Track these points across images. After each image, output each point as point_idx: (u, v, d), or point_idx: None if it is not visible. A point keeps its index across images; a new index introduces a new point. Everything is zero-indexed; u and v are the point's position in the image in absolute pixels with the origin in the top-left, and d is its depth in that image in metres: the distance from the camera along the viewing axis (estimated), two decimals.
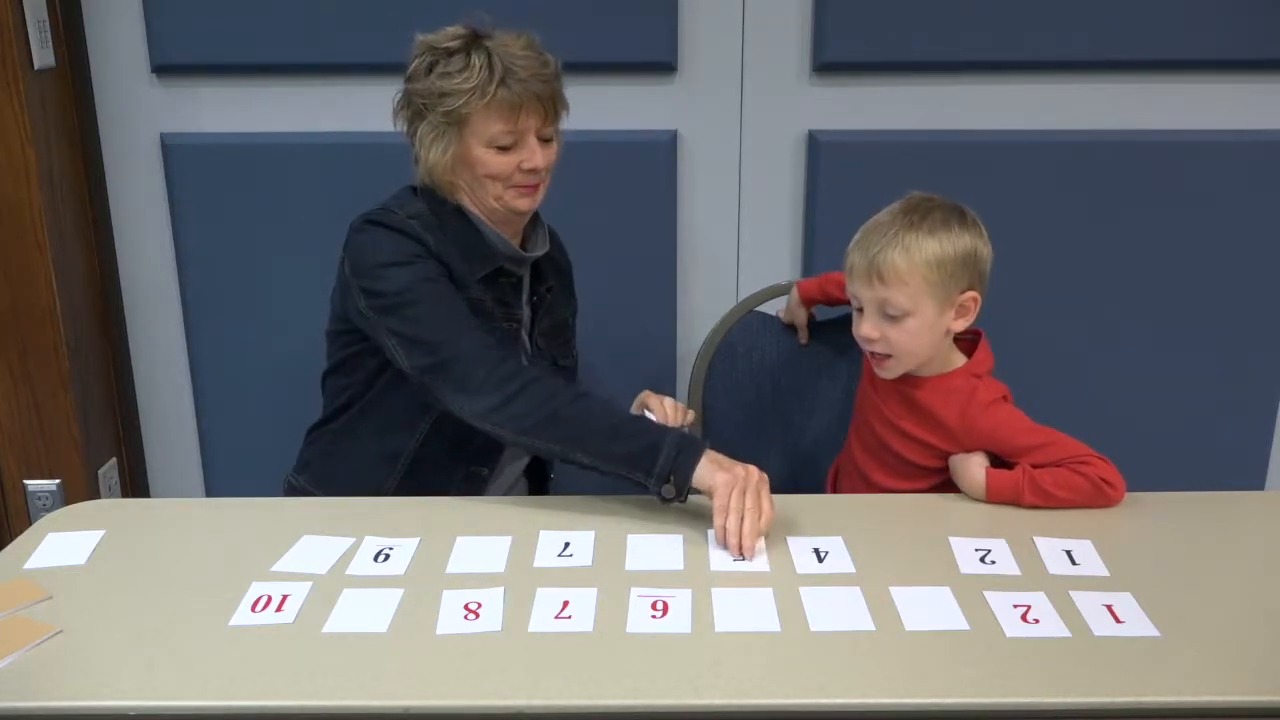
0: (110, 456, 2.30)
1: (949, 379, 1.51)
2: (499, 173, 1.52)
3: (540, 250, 1.65)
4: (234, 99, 2.13)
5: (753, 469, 1.37)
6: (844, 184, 2.13)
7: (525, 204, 1.56)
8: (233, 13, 2.05)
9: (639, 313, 2.25)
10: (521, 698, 1.06)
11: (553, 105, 1.55)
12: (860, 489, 1.61)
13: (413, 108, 1.54)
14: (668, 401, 1.64)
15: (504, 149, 1.52)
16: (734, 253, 2.24)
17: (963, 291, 1.47)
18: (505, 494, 1.69)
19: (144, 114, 2.16)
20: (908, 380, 1.54)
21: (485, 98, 1.48)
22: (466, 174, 1.54)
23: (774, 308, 1.88)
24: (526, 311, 1.65)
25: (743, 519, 1.31)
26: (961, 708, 1.06)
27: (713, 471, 1.36)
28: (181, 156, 2.16)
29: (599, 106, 2.13)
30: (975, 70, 2.11)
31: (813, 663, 1.11)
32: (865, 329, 1.50)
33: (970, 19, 2.05)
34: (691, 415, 1.65)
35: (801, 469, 1.85)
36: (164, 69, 2.12)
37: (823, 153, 2.13)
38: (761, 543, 1.33)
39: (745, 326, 1.86)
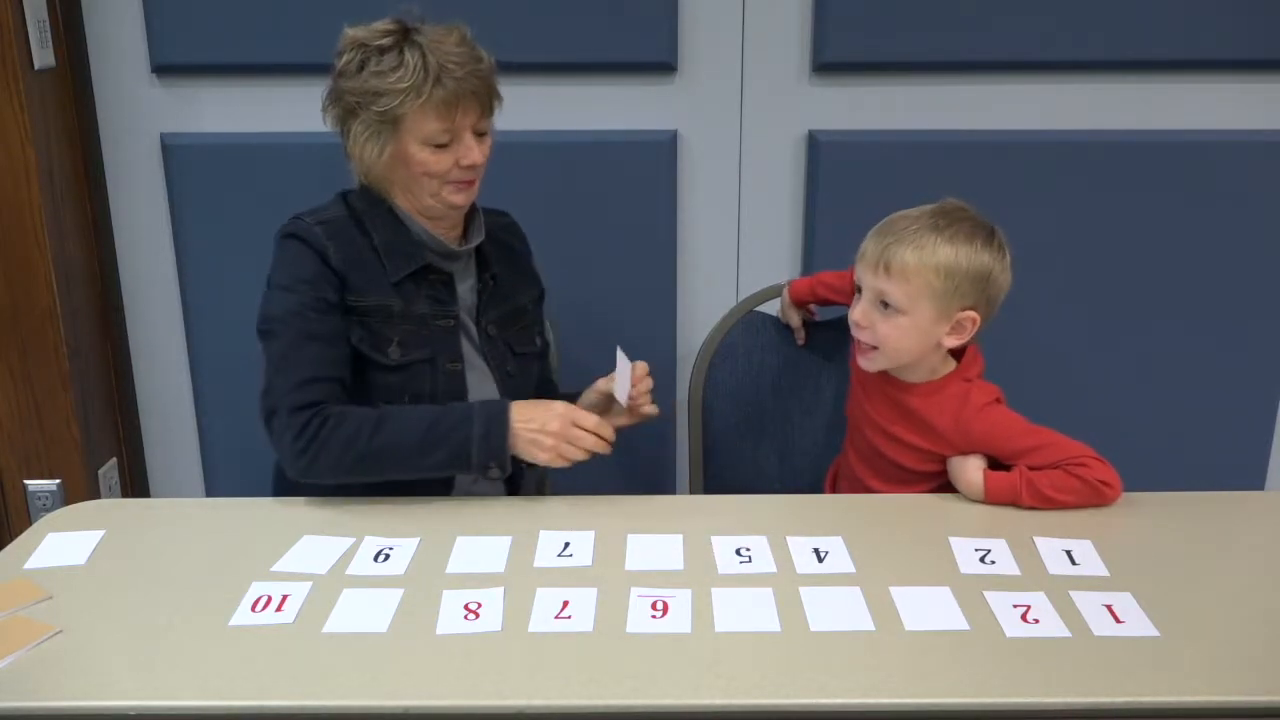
0: (110, 456, 2.30)
1: (940, 384, 1.51)
2: (437, 171, 1.51)
3: (474, 241, 1.62)
4: (234, 99, 2.13)
5: (553, 426, 1.45)
6: (844, 184, 2.13)
7: (462, 199, 1.55)
8: (233, 13, 2.05)
9: (639, 313, 2.25)
10: (521, 698, 1.06)
11: (488, 101, 1.53)
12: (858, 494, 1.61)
13: (344, 105, 1.51)
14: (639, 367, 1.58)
15: (441, 146, 1.50)
16: (734, 253, 2.24)
17: (964, 309, 1.45)
18: (475, 486, 1.64)
19: (144, 114, 2.15)
20: (898, 386, 1.53)
21: (421, 97, 1.46)
22: (403, 172, 1.52)
23: (774, 308, 1.88)
24: (472, 301, 1.63)
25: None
26: (961, 708, 1.06)
27: (531, 451, 1.45)
28: (181, 156, 2.16)
29: (599, 106, 2.13)
30: (975, 70, 2.11)
31: (813, 663, 1.11)
32: (857, 313, 1.50)
33: (970, 19, 2.05)
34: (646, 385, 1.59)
35: (801, 468, 1.85)
36: (164, 69, 2.12)
37: (823, 153, 2.13)
38: (764, 542, 1.34)
39: (745, 326, 1.86)
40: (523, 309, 1.71)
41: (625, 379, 1.54)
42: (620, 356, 1.55)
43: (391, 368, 1.54)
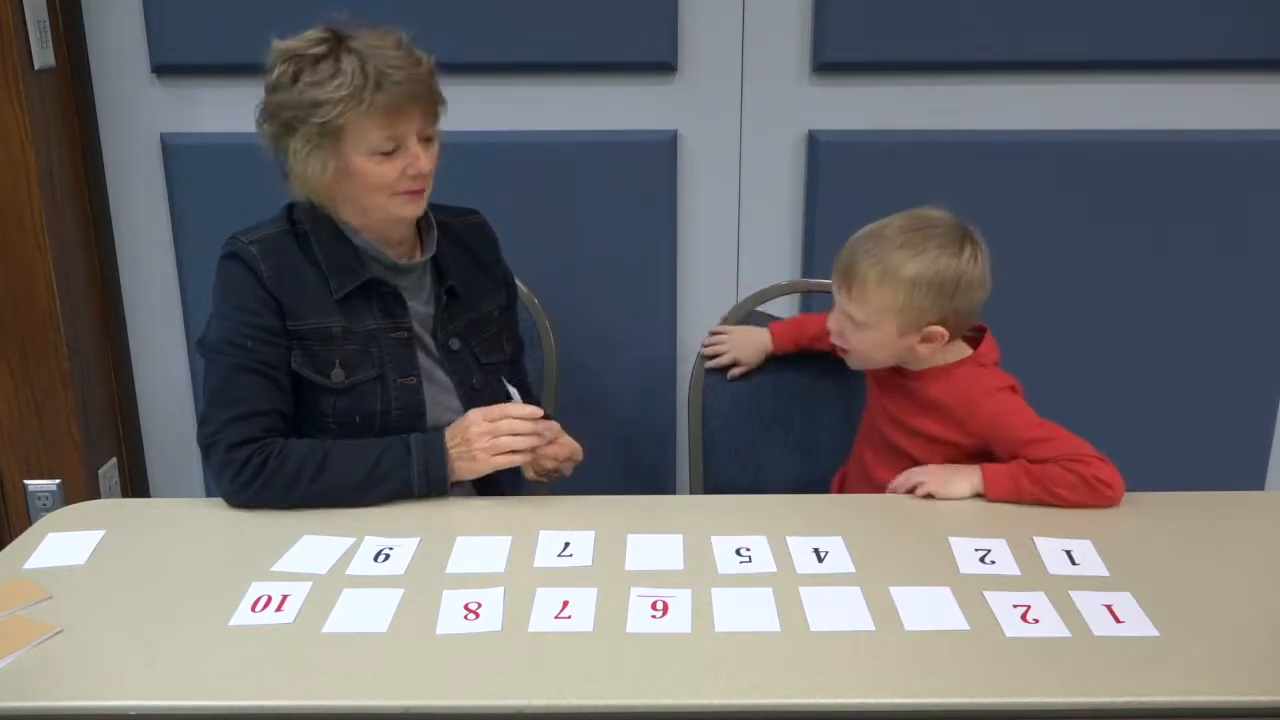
0: (110, 456, 2.30)
1: (953, 369, 1.52)
2: (384, 182, 1.46)
3: (425, 256, 1.57)
4: (234, 99, 2.13)
5: (472, 432, 1.45)
6: (844, 184, 2.13)
7: (412, 210, 1.51)
8: (233, 13, 2.05)
9: (639, 313, 2.25)
10: (521, 698, 1.06)
11: (431, 105, 1.48)
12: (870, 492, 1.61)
13: (280, 121, 1.46)
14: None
15: (386, 155, 1.45)
16: (734, 253, 2.24)
17: (930, 324, 1.47)
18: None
19: (144, 114, 2.16)
20: (908, 374, 1.55)
21: (362, 105, 1.41)
22: (349, 186, 1.48)
23: (774, 308, 1.88)
24: (427, 314, 1.59)
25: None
26: (961, 708, 1.06)
27: (468, 468, 1.46)
28: (181, 156, 2.16)
29: (599, 106, 2.13)
30: (975, 70, 2.11)
31: (813, 663, 1.11)
32: (830, 323, 1.55)
33: (970, 19, 2.05)
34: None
35: (802, 469, 1.85)
36: (164, 69, 2.12)
37: (823, 153, 2.13)
38: (764, 542, 1.33)
39: (745, 325, 1.86)
40: (488, 317, 1.66)
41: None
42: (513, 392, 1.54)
43: (338, 390, 1.52)
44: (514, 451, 1.47)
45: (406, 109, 1.45)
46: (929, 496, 1.46)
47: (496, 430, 1.46)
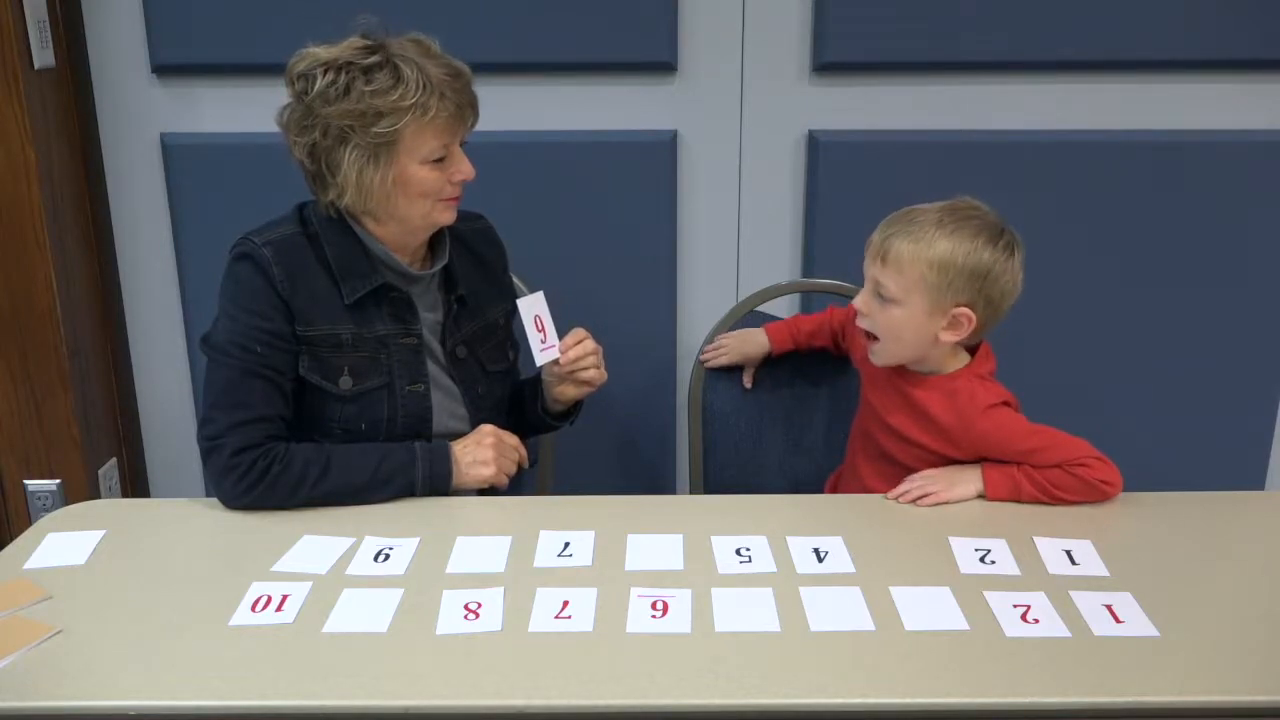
0: (110, 456, 2.30)
1: (949, 380, 1.51)
2: (434, 188, 1.48)
3: (437, 265, 1.57)
4: (234, 99, 2.13)
5: (488, 441, 1.52)
6: (844, 184, 2.13)
7: (450, 216, 1.53)
8: (233, 13, 2.05)
9: (639, 313, 2.25)
10: (521, 698, 1.06)
11: (476, 112, 1.51)
12: None
13: (330, 133, 1.44)
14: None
15: (437, 162, 1.47)
16: (734, 253, 2.24)
17: (958, 305, 1.45)
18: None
19: (144, 114, 2.16)
20: (906, 378, 1.54)
21: (427, 114, 1.42)
22: (399, 196, 1.47)
23: (774, 308, 1.88)
24: (437, 320, 1.58)
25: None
26: (961, 708, 1.06)
27: (477, 476, 1.50)
28: (181, 156, 2.16)
29: (599, 106, 2.13)
30: (975, 70, 2.11)
31: (813, 663, 1.11)
32: (858, 301, 1.51)
33: (970, 19, 2.05)
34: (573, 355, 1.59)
35: (802, 468, 1.85)
36: (164, 69, 2.12)
37: (823, 153, 2.13)
38: (764, 542, 1.33)
39: (745, 326, 1.86)
40: (494, 325, 1.66)
41: (534, 332, 1.55)
42: (523, 303, 1.55)
43: (346, 397, 1.52)
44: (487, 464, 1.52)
45: (464, 117, 1.47)
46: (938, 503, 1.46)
47: (508, 451, 1.53)
